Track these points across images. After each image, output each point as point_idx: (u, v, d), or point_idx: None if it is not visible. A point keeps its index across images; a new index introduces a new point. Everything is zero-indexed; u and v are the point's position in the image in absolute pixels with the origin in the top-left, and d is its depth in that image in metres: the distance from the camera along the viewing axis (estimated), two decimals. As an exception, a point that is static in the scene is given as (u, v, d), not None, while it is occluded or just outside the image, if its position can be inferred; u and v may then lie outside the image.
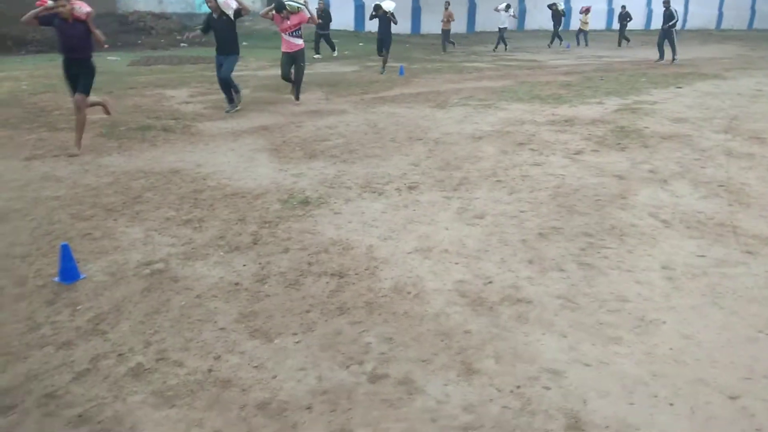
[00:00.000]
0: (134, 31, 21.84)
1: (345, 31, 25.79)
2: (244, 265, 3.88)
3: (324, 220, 4.67)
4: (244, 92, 9.90)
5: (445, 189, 5.42)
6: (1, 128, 7.61)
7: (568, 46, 23.26)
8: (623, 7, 24.23)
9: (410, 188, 5.43)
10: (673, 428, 2.37)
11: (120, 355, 2.92)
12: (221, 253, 4.06)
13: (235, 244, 4.22)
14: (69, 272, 3.66)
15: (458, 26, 29.35)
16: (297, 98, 9.81)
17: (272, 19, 9.24)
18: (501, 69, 15.28)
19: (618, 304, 3.36)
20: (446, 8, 20.06)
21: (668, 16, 16.50)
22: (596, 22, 33.31)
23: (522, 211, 4.85)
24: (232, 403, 2.55)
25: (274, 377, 2.74)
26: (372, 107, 9.41)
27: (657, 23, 34.28)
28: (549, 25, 31.94)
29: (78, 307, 3.36)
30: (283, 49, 9.39)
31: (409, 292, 3.53)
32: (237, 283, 3.64)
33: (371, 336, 3.07)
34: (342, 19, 26.56)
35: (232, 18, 8.53)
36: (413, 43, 23.22)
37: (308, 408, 2.51)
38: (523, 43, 24.56)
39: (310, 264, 3.90)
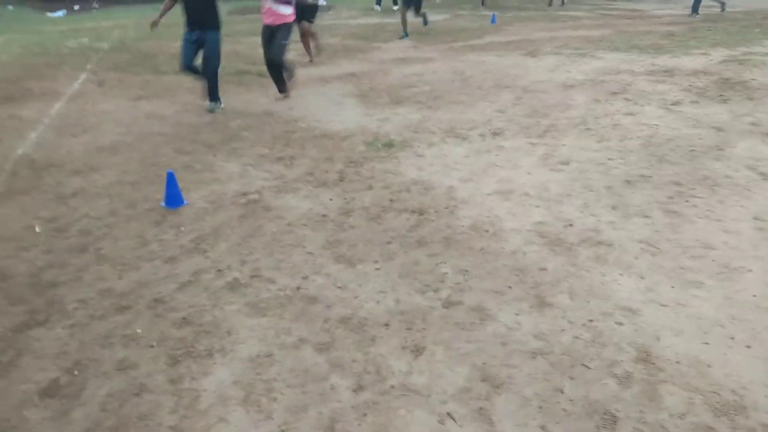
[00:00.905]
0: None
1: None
2: (331, 200, 4.09)
3: (407, 161, 4.79)
4: (334, 40, 10.06)
5: (531, 136, 5.36)
6: (111, 71, 8.20)
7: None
8: None
9: (494, 134, 5.42)
10: (747, 369, 2.36)
11: (218, 270, 3.22)
12: (310, 188, 4.29)
13: (323, 180, 4.44)
14: (174, 198, 4.01)
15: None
16: (280, 90, 6.93)
17: None
18: (599, 18, 14.51)
19: (702, 250, 3.28)
20: None
21: None
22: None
23: (610, 159, 4.74)
24: (317, 317, 2.77)
25: (356, 297, 2.94)
26: (460, 55, 9.30)
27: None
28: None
29: (182, 229, 3.70)
30: (264, 20, 6.55)
31: (486, 230, 3.61)
32: (324, 215, 3.85)
33: (447, 267, 3.20)
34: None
35: None
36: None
37: (386, 325, 2.69)
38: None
39: (391, 201, 4.05)
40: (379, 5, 16.29)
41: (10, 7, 17.87)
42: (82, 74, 8.04)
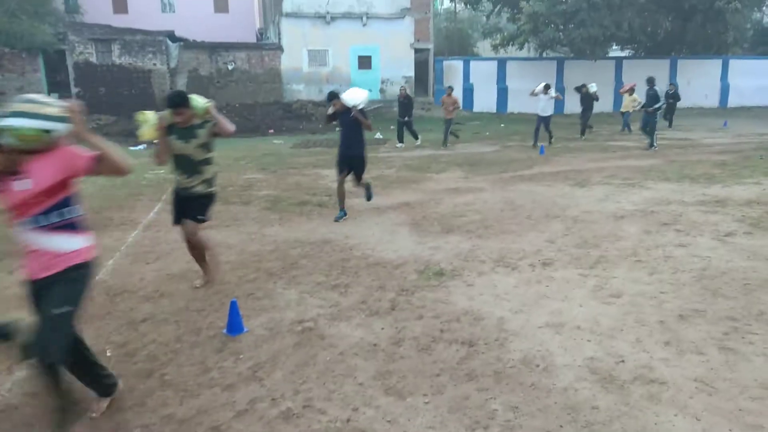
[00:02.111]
0: (296, 118, 24.31)
1: (488, 113, 26.58)
2: (382, 328, 4.23)
3: (457, 291, 4.93)
4: (389, 172, 10.65)
5: (581, 267, 5.44)
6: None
7: (725, 124, 21.86)
8: (672, 84, 21.38)
9: (544, 264, 5.53)
10: None
11: (273, 399, 3.34)
12: (363, 316, 4.46)
13: (375, 308, 4.60)
14: (235, 326, 4.25)
15: (605, 105, 29.02)
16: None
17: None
18: (649, 147, 14.82)
19: (762, 391, 3.19)
20: (448, 94, 16.32)
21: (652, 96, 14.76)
22: (760, 98, 31.12)
23: (662, 292, 4.74)
24: (367, 450, 2.82)
25: None
26: (510, 185, 9.65)
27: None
28: (704, 101, 30.53)
29: (240, 356, 3.88)
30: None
31: (537, 365, 3.63)
32: (375, 344, 3.98)
33: (497, 403, 3.22)
34: (485, 102, 27.50)
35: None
36: (556, 123, 23.23)
37: (434, 462, 2.71)
38: (676, 121, 23.51)
39: (442, 331, 4.14)
40: (402, 143, 16.31)
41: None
42: (157, 204, 8.75)
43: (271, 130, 21.76)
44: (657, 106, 14.65)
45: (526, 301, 4.67)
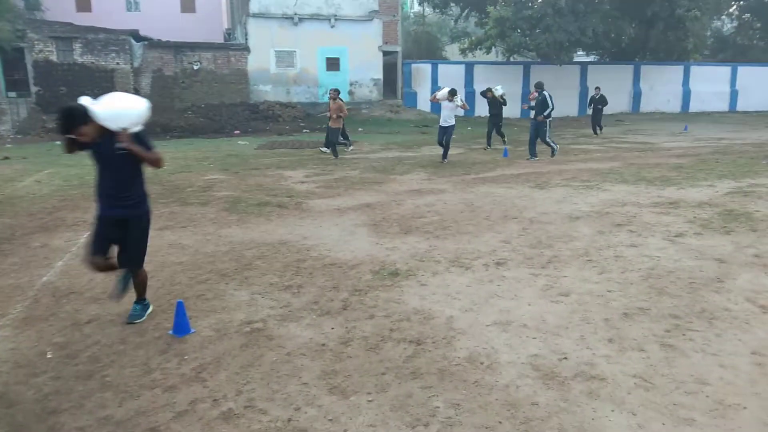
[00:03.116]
0: (263, 119, 24.13)
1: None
2: (332, 328, 4.21)
3: (410, 290, 4.94)
4: (354, 173, 10.65)
5: (533, 266, 5.51)
6: (142, 202, 8.73)
7: (686, 129, 22.43)
8: (597, 88, 20.29)
9: (498, 264, 5.58)
10: None
11: (215, 400, 3.30)
12: (314, 317, 4.43)
13: (327, 309, 4.58)
14: (181, 326, 4.18)
15: (570, 109, 29.52)
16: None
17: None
18: (610, 151, 15.12)
19: (696, 386, 3.27)
20: (333, 98, 14.10)
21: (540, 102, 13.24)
22: (719, 103, 32.07)
23: (609, 291, 4.82)
24: (304, 449, 2.80)
25: (345, 431, 2.97)
26: (471, 187, 9.72)
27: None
28: (666, 107, 31.28)
29: (185, 357, 3.82)
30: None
31: (482, 363, 3.66)
32: (323, 344, 3.96)
33: (440, 401, 3.23)
34: (453, 104, 27.65)
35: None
36: (522, 127, 23.55)
37: (371, 460, 2.70)
38: (637, 126, 24.05)
39: (391, 330, 4.15)
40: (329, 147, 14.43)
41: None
42: (114, 205, 8.58)
43: (237, 131, 21.55)
44: (547, 113, 13.12)
45: (477, 300, 4.70)
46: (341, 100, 14.22)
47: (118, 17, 31.08)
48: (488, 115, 16.37)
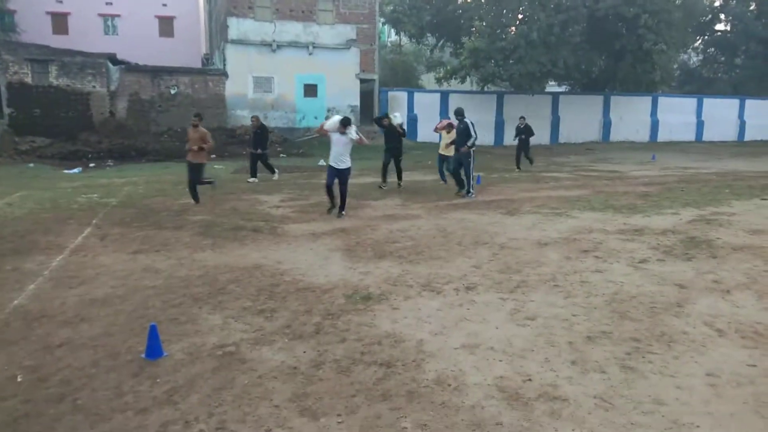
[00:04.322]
0: (240, 143, 24.17)
1: (430, 143, 27.15)
2: (304, 352, 4.28)
3: (382, 314, 5.04)
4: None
5: (502, 291, 5.66)
6: (116, 226, 8.72)
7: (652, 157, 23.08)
8: (522, 118, 18.03)
9: (468, 288, 5.72)
10: None
11: (186, 422, 3.35)
12: (286, 340, 4.50)
13: (300, 332, 4.65)
14: (154, 350, 4.21)
15: (542, 138, 30.14)
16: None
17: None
18: (579, 179, 15.51)
19: (653, 406, 3.42)
20: (194, 125, 10.95)
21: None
22: (686, 133, 33.10)
23: (574, 315, 4.99)
24: (274, 469, 2.86)
25: (315, 451, 3.04)
26: (444, 213, 9.91)
27: (751, 134, 33.60)
28: (635, 136, 32.17)
29: (157, 380, 3.86)
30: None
31: (449, 384, 3.76)
32: (295, 367, 4.03)
33: (408, 421, 3.32)
34: (428, 132, 28.10)
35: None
36: (495, 154, 24.02)
37: (339, 479, 2.78)
38: (607, 154, 24.71)
39: (362, 353, 4.24)
40: (255, 177, 14.47)
41: (31, 165, 19.16)
42: (87, 228, 8.55)
43: (213, 156, 21.55)
44: (470, 143, 11.43)
45: (447, 323, 4.82)
46: (203, 128, 10.97)
47: (96, 40, 31.13)
48: (384, 146, 13.20)
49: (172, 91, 25.16)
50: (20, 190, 12.77)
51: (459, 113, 11.99)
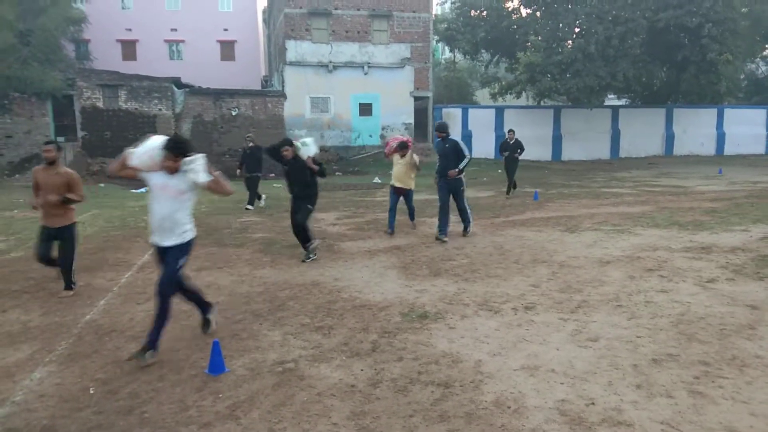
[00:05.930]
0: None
1: (485, 159, 27.01)
2: (362, 370, 4.31)
3: (439, 333, 5.02)
4: (384, 215, 10.83)
5: (562, 311, 5.53)
6: (181, 243, 9.04)
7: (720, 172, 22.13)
8: (510, 131, 15.27)
9: (527, 308, 5.62)
10: None
11: (248, 437, 3.41)
12: (343, 358, 4.54)
13: (357, 350, 4.69)
14: (217, 365, 4.33)
15: (602, 153, 29.45)
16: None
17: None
18: (642, 195, 15.04)
19: (725, 434, 3.26)
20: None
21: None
22: (755, 146, 31.61)
23: (638, 337, 4.82)
24: (333, 488, 2.88)
25: (373, 470, 3.04)
26: (500, 230, 9.80)
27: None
28: (700, 150, 30.95)
29: (220, 395, 3.96)
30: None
31: (509, 407, 3.70)
32: (353, 385, 4.06)
33: (467, 443, 3.28)
34: (483, 148, 27.97)
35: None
36: (552, 169, 23.61)
37: (398, 499, 2.77)
38: (670, 169, 23.87)
39: (419, 373, 4.22)
40: (260, 201, 13.69)
41: (102, 185, 20.17)
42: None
43: (272, 174, 22.10)
44: (462, 166, 8.92)
45: (505, 344, 4.75)
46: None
47: (161, 65, 32.60)
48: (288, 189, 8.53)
49: (233, 113, 26.03)
50: (91, 209, 13.44)
51: (442, 129, 9.31)
